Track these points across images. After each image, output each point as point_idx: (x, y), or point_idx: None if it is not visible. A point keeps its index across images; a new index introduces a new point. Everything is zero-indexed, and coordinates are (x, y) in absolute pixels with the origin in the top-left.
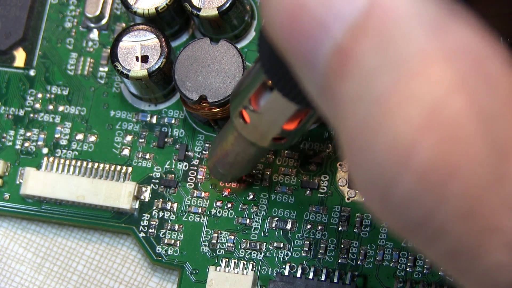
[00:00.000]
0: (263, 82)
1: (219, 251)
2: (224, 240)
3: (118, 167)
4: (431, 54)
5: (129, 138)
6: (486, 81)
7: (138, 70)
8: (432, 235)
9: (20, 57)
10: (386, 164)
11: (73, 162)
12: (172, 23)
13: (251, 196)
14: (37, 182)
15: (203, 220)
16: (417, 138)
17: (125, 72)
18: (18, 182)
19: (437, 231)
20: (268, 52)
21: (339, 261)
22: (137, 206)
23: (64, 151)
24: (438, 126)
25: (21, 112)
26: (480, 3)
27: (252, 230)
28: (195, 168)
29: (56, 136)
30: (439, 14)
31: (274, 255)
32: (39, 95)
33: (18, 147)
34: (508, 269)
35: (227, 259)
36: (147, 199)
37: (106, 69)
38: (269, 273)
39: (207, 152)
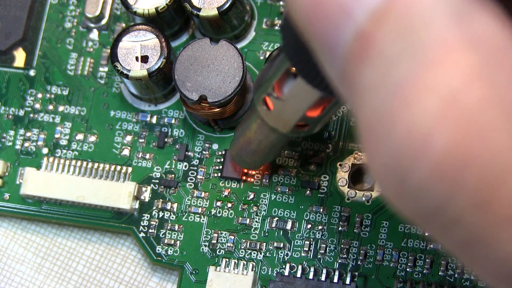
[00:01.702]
0: (287, 69)
1: (219, 251)
2: (224, 240)
3: (118, 167)
4: (452, 43)
5: (129, 138)
6: (506, 71)
7: (138, 70)
8: (447, 223)
9: (20, 57)
10: (403, 152)
11: (73, 162)
12: (172, 23)
13: (251, 196)
14: (37, 182)
15: (203, 220)
16: (435, 127)
17: (125, 72)
18: (18, 182)
19: (452, 219)
20: (292, 39)
21: (339, 261)
22: (137, 206)
23: (64, 151)
24: (456, 114)
25: (21, 112)
26: None
27: (252, 230)
28: (195, 168)
29: (56, 136)
30: (462, 3)
31: (274, 255)
32: (39, 95)
33: (18, 147)
34: None
35: (227, 259)
36: (147, 199)
37: (106, 69)
38: (269, 273)
39: (207, 152)
